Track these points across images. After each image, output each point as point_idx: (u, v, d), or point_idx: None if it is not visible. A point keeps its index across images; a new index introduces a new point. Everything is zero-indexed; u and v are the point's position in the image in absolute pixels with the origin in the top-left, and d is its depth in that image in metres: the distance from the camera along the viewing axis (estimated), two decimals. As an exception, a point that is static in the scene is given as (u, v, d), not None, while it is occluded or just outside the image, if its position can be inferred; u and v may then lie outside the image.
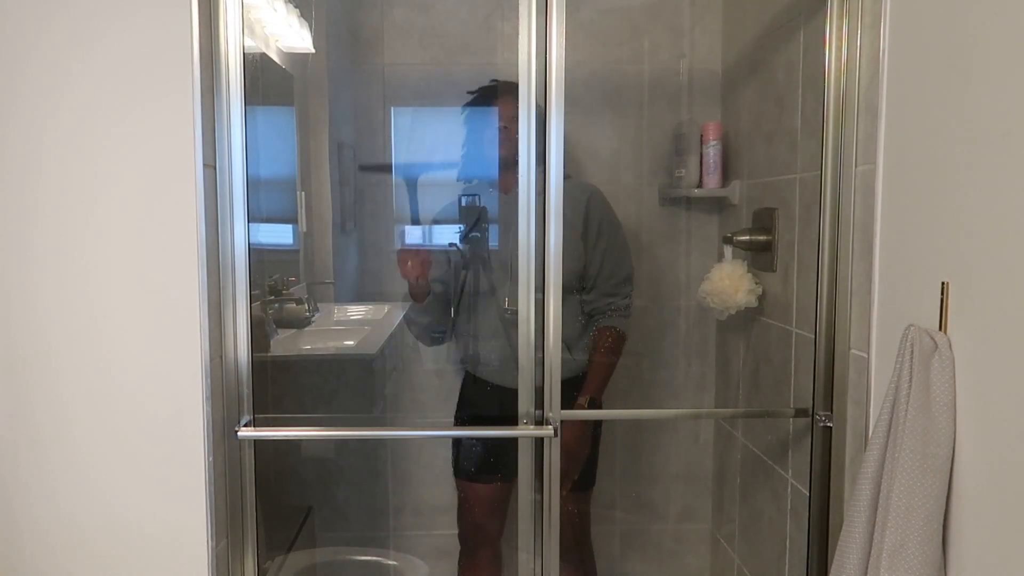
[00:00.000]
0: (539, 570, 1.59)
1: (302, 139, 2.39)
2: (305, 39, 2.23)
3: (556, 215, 1.47)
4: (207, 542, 1.40)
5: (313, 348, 2.35)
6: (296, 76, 2.28)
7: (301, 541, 2.16)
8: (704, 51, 2.39)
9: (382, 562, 2.18)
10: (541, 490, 1.56)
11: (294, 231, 2.34)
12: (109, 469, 1.39)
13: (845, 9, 1.44)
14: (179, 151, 1.34)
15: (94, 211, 1.35)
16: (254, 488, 1.49)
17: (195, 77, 1.33)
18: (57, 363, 1.37)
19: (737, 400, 2.28)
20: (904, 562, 1.10)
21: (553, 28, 1.43)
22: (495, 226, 2.11)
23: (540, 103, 1.47)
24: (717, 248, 2.38)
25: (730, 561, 2.34)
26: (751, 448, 2.14)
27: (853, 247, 1.45)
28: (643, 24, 2.39)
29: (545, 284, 1.50)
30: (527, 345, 1.53)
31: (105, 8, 1.32)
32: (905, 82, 1.28)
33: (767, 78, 2.01)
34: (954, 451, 1.11)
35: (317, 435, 1.97)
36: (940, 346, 1.12)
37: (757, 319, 2.07)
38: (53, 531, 1.40)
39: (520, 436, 1.59)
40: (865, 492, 1.17)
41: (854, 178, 1.44)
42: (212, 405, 1.40)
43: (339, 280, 2.49)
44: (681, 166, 2.30)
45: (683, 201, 2.41)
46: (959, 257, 1.11)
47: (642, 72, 2.41)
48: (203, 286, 1.36)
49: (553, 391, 1.51)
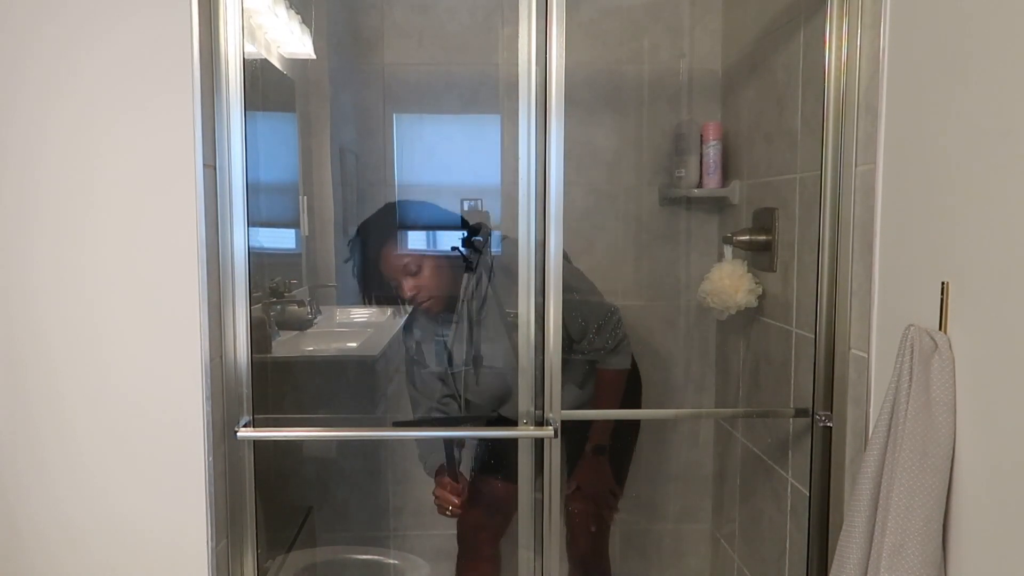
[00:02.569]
0: (540, 570, 1.59)
1: (304, 144, 2.39)
2: (306, 44, 2.24)
3: (556, 216, 1.47)
4: (207, 542, 1.40)
5: (315, 349, 2.35)
6: (297, 81, 2.29)
7: (301, 541, 2.16)
8: (704, 51, 2.39)
9: (382, 562, 2.18)
10: (542, 490, 1.56)
11: (296, 235, 2.35)
12: (109, 469, 1.39)
13: (845, 9, 1.44)
14: (179, 151, 1.34)
15: (94, 210, 1.35)
16: (254, 488, 1.49)
17: (195, 77, 1.33)
18: (57, 363, 1.37)
19: (737, 400, 2.28)
20: (904, 562, 1.10)
21: (553, 28, 1.43)
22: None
23: (540, 103, 1.48)
24: (717, 248, 2.38)
25: (730, 561, 2.34)
26: (751, 448, 2.14)
27: (853, 247, 1.45)
28: (643, 24, 2.40)
29: (546, 284, 1.50)
30: (527, 346, 1.53)
31: (105, 8, 1.32)
32: (905, 82, 1.28)
33: (767, 78, 2.01)
34: (954, 451, 1.11)
35: (317, 435, 1.98)
36: (940, 346, 1.12)
37: (757, 319, 2.07)
38: (53, 531, 1.40)
39: (520, 436, 1.59)
40: (865, 492, 1.17)
41: (854, 178, 1.44)
42: (212, 405, 1.40)
43: (341, 283, 2.50)
44: (681, 166, 2.30)
45: (683, 201, 2.41)
46: (959, 257, 1.11)
47: (642, 72, 2.41)
48: (203, 286, 1.37)
49: (553, 391, 1.51)
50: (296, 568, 2.07)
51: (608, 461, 2.04)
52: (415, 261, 1.95)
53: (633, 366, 2.08)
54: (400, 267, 1.95)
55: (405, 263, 1.94)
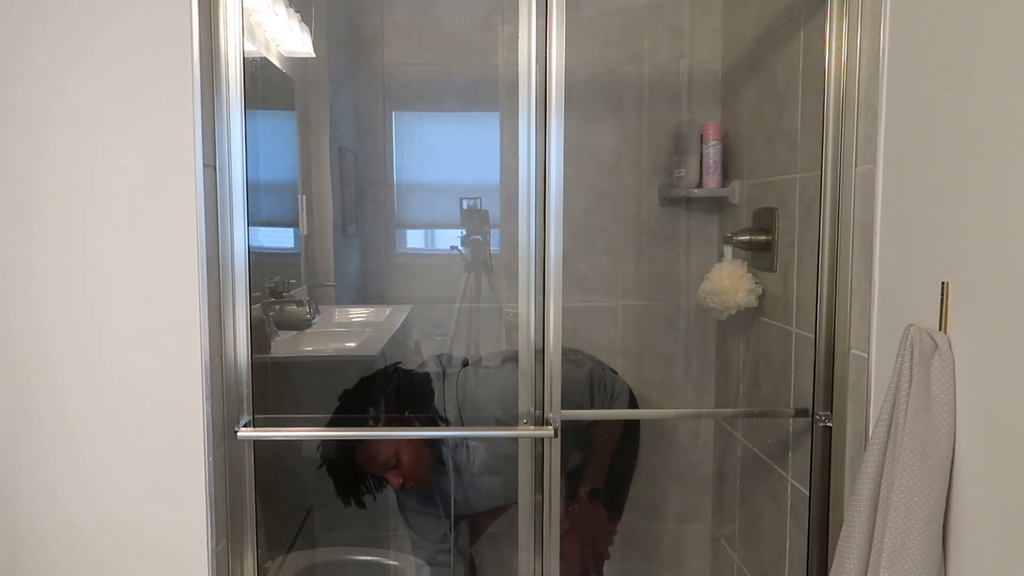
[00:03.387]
0: (540, 570, 1.59)
1: (303, 142, 2.39)
2: (306, 43, 2.23)
3: (556, 215, 1.47)
4: (207, 542, 1.40)
5: (314, 349, 2.35)
6: (297, 80, 2.28)
7: (301, 541, 2.16)
8: (704, 51, 2.39)
9: (382, 562, 2.17)
10: (541, 491, 1.56)
11: (295, 234, 2.34)
12: (109, 469, 1.39)
13: (845, 9, 1.44)
14: (179, 151, 1.34)
15: (94, 210, 1.35)
16: (254, 488, 1.49)
17: (195, 77, 1.33)
18: (57, 363, 1.37)
19: (737, 400, 2.28)
20: (904, 562, 1.10)
21: (553, 28, 1.43)
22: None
23: (540, 103, 1.48)
24: (717, 248, 2.38)
25: (730, 561, 2.34)
26: (751, 448, 2.14)
27: (853, 247, 1.45)
28: (643, 24, 2.40)
29: (546, 285, 1.50)
30: (527, 346, 1.53)
31: (105, 8, 1.32)
32: (905, 82, 1.28)
33: (767, 78, 2.01)
34: (954, 451, 1.11)
35: (317, 435, 1.97)
36: (940, 346, 1.12)
37: (757, 319, 2.07)
38: (53, 531, 1.40)
39: (520, 436, 1.59)
40: (865, 492, 1.17)
41: (854, 178, 1.44)
42: (212, 405, 1.40)
43: (340, 283, 2.50)
44: (681, 166, 2.30)
45: (683, 201, 2.41)
46: (959, 257, 1.11)
47: (642, 72, 2.41)
48: (203, 286, 1.36)
49: (553, 391, 1.51)
50: (296, 568, 2.07)
51: (602, 505, 2.07)
52: (391, 453, 1.95)
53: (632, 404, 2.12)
54: (379, 464, 1.96)
55: (384, 459, 1.95)
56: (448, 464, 2.05)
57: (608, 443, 2.06)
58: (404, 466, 1.95)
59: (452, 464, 2.04)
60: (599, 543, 2.11)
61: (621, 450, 2.10)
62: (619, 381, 2.11)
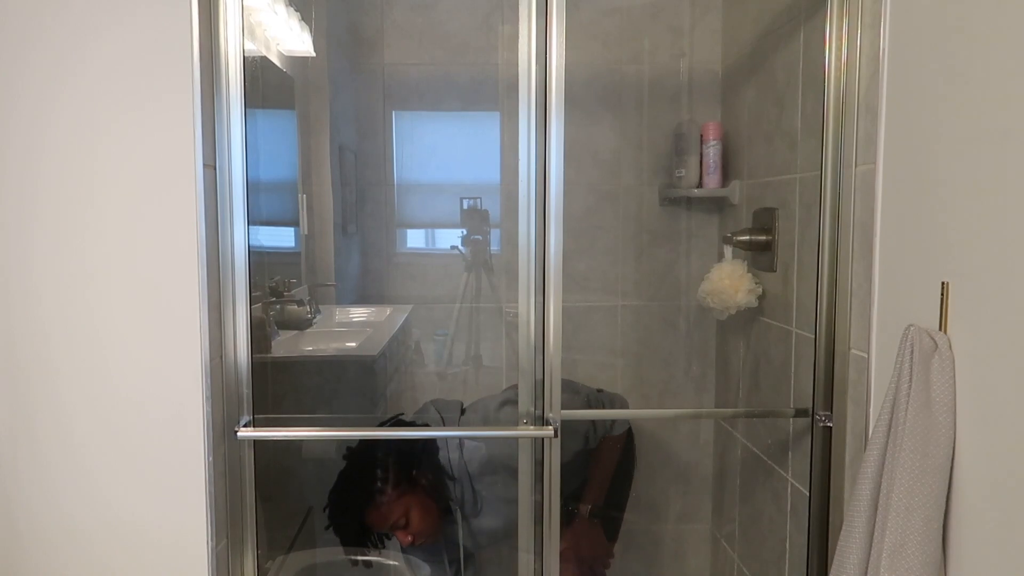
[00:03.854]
0: (539, 571, 1.59)
1: (303, 142, 2.39)
2: (306, 42, 2.23)
3: (556, 215, 1.47)
4: (207, 542, 1.40)
5: (315, 349, 2.35)
6: (297, 79, 2.28)
7: (301, 541, 2.15)
8: (704, 51, 2.39)
9: (382, 562, 2.17)
10: (541, 491, 1.56)
11: (295, 234, 2.34)
12: (109, 469, 1.39)
13: (845, 9, 1.44)
14: (179, 151, 1.34)
15: (94, 210, 1.35)
16: (254, 488, 1.49)
17: (195, 76, 1.33)
18: (57, 363, 1.37)
19: (737, 400, 2.28)
20: (904, 562, 1.10)
21: (553, 28, 1.43)
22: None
23: (540, 102, 1.48)
24: (717, 248, 2.38)
25: (730, 561, 2.34)
26: (751, 448, 2.14)
27: (853, 247, 1.45)
28: (643, 24, 2.40)
29: (546, 284, 1.50)
30: (527, 345, 1.53)
31: (104, 8, 1.32)
32: (905, 82, 1.28)
33: (767, 78, 2.01)
34: (954, 451, 1.11)
35: (317, 435, 1.97)
36: (940, 346, 1.11)
37: (757, 319, 2.07)
38: (53, 532, 1.40)
39: (520, 436, 1.59)
40: (865, 492, 1.17)
41: (854, 178, 1.44)
42: (212, 405, 1.40)
43: (340, 282, 2.50)
44: (681, 166, 2.30)
45: (683, 201, 2.41)
46: (959, 257, 1.11)
47: (642, 72, 2.41)
48: (203, 286, 1.36)
49: (553, 391, 1.51)
50: (296, 568, 2.07)
51: (600, 524, 2.08)
52: (401, 514, 1.95)
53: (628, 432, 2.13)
54: (389, 525, 1.97)
55: (394, 520, 1.96)
56: (456, 514, 2.05)
57: (607, 467, 2.07)
58: (413, 525, 1.96)
59: (460, 513, 2.04)
60: (597, 566, 2.12)
61: (619, 474, 2.11)
62: (617, 398, 2.13)
